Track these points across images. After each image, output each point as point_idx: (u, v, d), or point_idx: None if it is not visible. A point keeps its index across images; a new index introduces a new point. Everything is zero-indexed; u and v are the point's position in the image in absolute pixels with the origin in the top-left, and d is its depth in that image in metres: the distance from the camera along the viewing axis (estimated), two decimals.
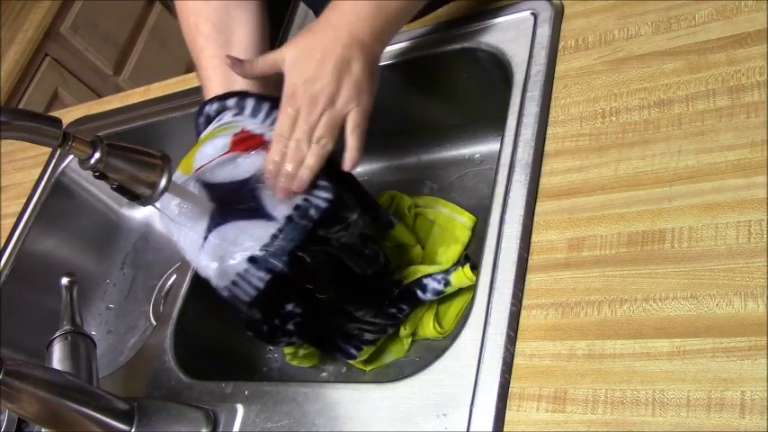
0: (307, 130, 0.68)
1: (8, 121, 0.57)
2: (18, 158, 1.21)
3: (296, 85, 0.68)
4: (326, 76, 0.67)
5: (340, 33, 0.68)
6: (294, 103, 0.69)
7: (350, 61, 0.68)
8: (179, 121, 1.06)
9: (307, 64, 0.68)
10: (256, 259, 0.66)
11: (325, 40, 0.68)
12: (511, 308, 0.61)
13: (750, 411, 0.49)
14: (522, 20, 0.80)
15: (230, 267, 0.67)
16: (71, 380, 0.64)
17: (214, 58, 0.78)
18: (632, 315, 0.57)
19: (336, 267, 0.72)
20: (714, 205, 0.58)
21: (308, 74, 0.68)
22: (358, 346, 0.79)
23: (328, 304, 0.74)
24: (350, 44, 0.68)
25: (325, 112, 0.68)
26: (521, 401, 0.57)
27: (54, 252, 1.12)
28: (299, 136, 0.69)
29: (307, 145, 0.69)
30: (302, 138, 0.68)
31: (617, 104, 0.68)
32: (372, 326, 0.78)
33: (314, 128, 0.69)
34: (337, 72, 0.68)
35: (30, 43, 1.90)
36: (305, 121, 0.68)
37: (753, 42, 0.65)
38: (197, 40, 0.80)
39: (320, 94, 0.68)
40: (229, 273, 0.67)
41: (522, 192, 0.67)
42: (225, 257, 0.67)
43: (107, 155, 0.60)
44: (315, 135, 0.69)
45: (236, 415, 0.69)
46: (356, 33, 0.68)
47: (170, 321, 0.82)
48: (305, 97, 0.68)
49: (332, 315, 0.75)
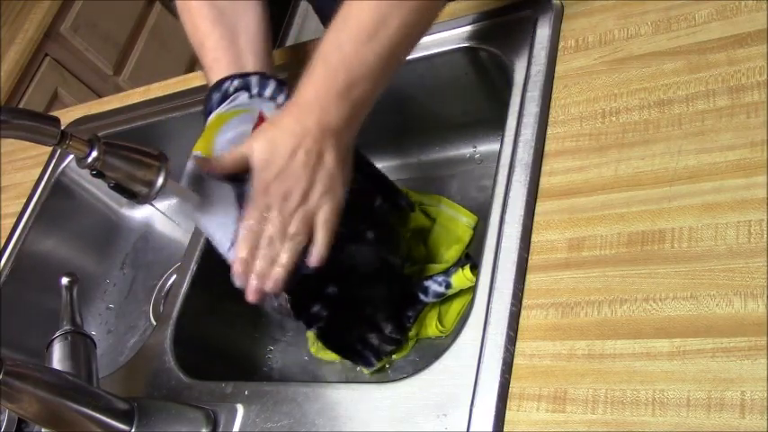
0: (280, 226, 0.66)
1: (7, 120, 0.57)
2: (18, 158, 1.21)
3: (267, 180, 0.66)
4: (299, 172, 0.65)
5: (308, 125, 0.65)
6: (266, 198, 0.66)
7: (322, 153, 0.66)
8: (179, 121, 1.06)
9: (277, 158, 0.65)
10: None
11: (294, 133, 0.65)
12: (511, 308, 0.61)
13: (750, 411, 0.49)
14: (522, 20, 0.80)
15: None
16: (71, 380, 0.64)
17: (222, 40, 0.76)
18: (632, 315, 0.57)
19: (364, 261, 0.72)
20: (714, 205, 0.58)
21: (279, 168, 0.65)
22: (378, 356, 0.80)
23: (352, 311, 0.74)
24: (320, 135, 0.65)
25: (298, 209, 0.66)
26: (521, 401, 0.57)
27: (54, 252, 1.12)
28: (271, 233, 0.66)
29: (280, 242, 0.66)
30: (275, 235, 0.66)
31: (617, 104, 0.68)
32: (391, 341, 0.79)
33: (287, 224, 0.66)
34: (310, 167, 0.65)
35: (30, 43, 1.90)
36: (278, 218, 0.66)
37: (753, 42, 0.65)
38: (200, 26, 0.78)
39: (293, 191, 0.66)
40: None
41: (522, 192, 0.67)
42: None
43: (104, 153, 0.60)
44: (289, 231, 0.66)
45: (236, 415, 0.69)
46: (325, 123, 0.66)
47: (170, 321, 0.82)
48: (277, 193, 0.66)
49: (355, 324, 0.75)
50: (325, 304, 0.71)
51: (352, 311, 0.74)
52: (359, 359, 0.80)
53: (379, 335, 0.77)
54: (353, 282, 0.73)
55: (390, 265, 0.76)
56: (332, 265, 0.68)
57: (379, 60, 0.66)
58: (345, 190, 0.68)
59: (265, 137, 0.67)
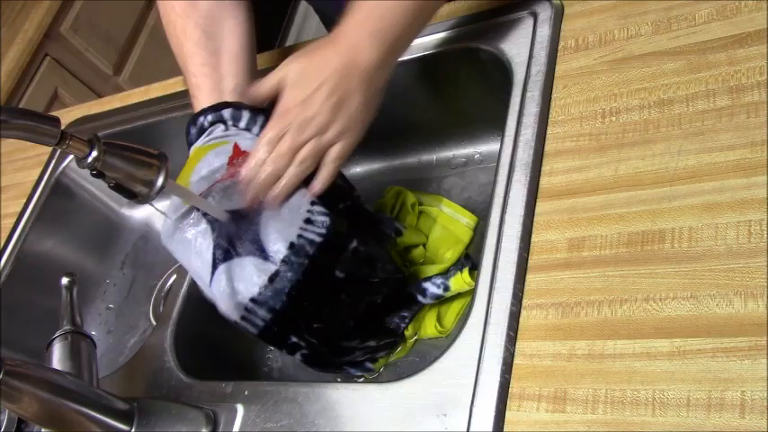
0: (291, 148, 0.68)
1: (7, 120, 0.57)
2: (18, 158, 1.21)
3: (291, 103, 0.68)
4: (322, 104, 0.67)
5: (343, 60, 0.67)
6: (285, 120, 0.68)
7: (348, 93, 0.67)
8: (179, 121, 1.06)
9: (305, 85, 0.67)
10: (257, 300, 0.66)
11: (327, 65, 0.67)
12: (511, 308, 0.61)
13: (750, 411, 0.49)
14: (522, 20, 0.80)
15: (237, 304, 0.67)
16: (71, 380, 0.64)
17: (205, 66, 0.77)
18: (632, 315, 0.57)
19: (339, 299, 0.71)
20: (714, 205, 0.58)
21: (305, 95, 0.67)
22: (374, 361, 0.80)
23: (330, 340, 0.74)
24: (351, 73, 0.67)
25: (312, 138, 0.68)
26: (521, 401, 0.57)
27: (54, 252, 1.12)
28: (282, 150, 0.68)
29: (287, 162, 0.68)
30: (285, 153, 0.68)
31: (617, 104, 0.68)
32: (379, 349, 0.79)
33: (298, 149, 0.68)
34: (333, 102, 0.67)
35: (30, 43, 1.90)
36: (291, 140, 0.67)
37: (753, 42, 0.65)
38: (185, 45, 0.79)
39: (312, 120, 0.67)
40: (237, 309, 0.68)
41: (522, 192, 0.67)
42: (232, 294, 0.67)
43: (104, 153, 0.60)
44: (298, 156, 0.68)
45: (236, 415, 0.69)
46: (359, 61, 0.67)
47: (170, 321, 0.82)
48: (297, 119, 0.67)
49: (339, 351, 0.75)
50: (301, 337, 0.71)
51: (330, 342, 0.74)
52: (355, 370, 0.80)
53: (366, 350, 0.77)
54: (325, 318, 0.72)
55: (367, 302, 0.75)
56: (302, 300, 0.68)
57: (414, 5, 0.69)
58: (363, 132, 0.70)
59: (301, 61, 0.69)
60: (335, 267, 0.69)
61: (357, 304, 0.73)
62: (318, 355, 0.74)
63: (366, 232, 0.74)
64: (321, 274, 0.68)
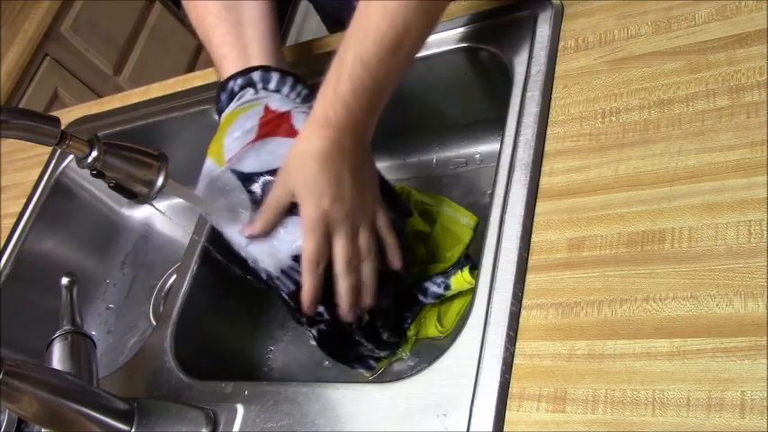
0: (350, 248, 0.67)
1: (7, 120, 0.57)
2: (18, 158, 1.21)
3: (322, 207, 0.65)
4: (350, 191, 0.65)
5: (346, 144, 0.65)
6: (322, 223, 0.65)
7: (363, 166, 0.67)
8: (179, 121, 1.06)
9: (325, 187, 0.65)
10: (298, 257, 0.67)
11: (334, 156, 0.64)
12: (511, 308, 0.61)
13: (750, 411, 0.49)
14: (522, 20, 0.80)
15: (278, 262, 0.68)
16: (71, 380, 0.64)
17: (228, 35, 0.77)
18: (632, 315, 0.57)
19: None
20: (714, 205, 0.58)
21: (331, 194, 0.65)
22: (377, 359, 0.80)
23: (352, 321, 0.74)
24: (356, 150, 0.66)
25: (361, 225, 0.67)
26: (521, 401, 0.57)
27: (54, 252, 1.12)
28: (345, 256, 0.67)
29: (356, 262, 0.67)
30: (349, 256, 0.67)
31: (617, 104, 0.68)
32: (389, 345, 0.79)
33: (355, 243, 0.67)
34: (357, 182, 0.66)
35: (30, 43, 1.90)
36: (348, 240, 0.66)
37: (753, 42, 0.65)
38: (206, 19, 0.79)
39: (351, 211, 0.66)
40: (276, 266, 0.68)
41: (522, 192, 0.67)
42: (271, 253, 0.68)
43: (104, 153, 0.60)
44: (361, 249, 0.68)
45: (236, 415, 0.69)
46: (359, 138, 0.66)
47: (170, 321, 0.82)
48: (339, 216, 0.65)
49: (354, 331, 0.75)
50: (328, 307, 0.71)
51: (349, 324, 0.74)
52: (358, 365, 0.80)
53: (376, 341, 0.78)
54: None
55: (395, 272, 0.76)
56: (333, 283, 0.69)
57: (402, 68, 0.68)
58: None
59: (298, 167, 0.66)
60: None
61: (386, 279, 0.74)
62: (332, 336, 0.74)
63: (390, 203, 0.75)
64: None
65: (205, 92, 1.03)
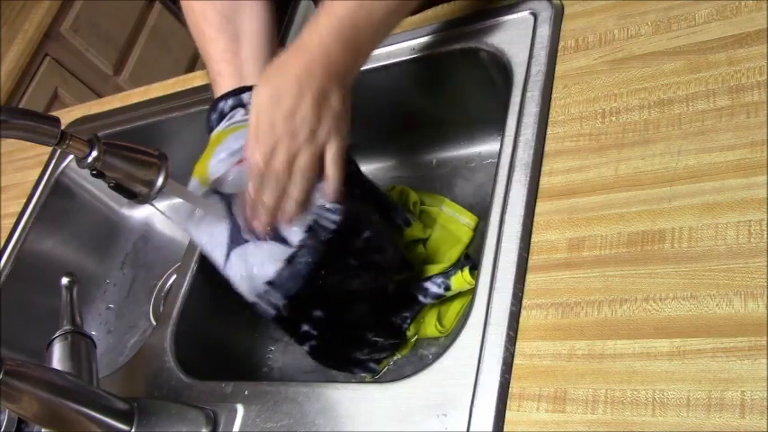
0: (286, 163, 0.66)
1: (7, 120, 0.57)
2: (18, 158, 1.21)
3: (274, 118, 0.66)
4: (307, 110, 0.66)
5: (314, 70, 0.66)
6: (272, 135, 0.66)
7: (328, 95, 0.66)
8: (179, 121, 1.06)
9: (284, 99, 0.66)
10: (273, 283, 0.67)
11: (300, 77, 0.66)
12: (511, 308, 0.61)
13: (750, 411, 0.49)
14: (522, 20, 0.80)
15: (253, 288, 0.68)
16: (71, 380, 0.64)
17: (226, 52, 0.77)
18: (632, 315, 0.57)
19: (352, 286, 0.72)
20: (714, 205, 0.58)
21: (287, 108, 0.66)
22: (378, 362, 0.80)
23: (342, 332, 0.74)
24: (326, 79, 0.66)
25: (304, 144, 0.66)
26: (521, 401, 0.57)
27: (54, 252, 1.12)
28: (277, 167, 0.66)
29: (286, 176, 0.67)
30: (281, 168, 0.66)
31: (617, 104, 0.68)
32: (384, 349, 0.79)
33: (293, 160, 0.67)
34: (317, 106, 0.66)
35: (30, 43, 1.90)
36: (285, 154, 0.66)
37: (753, 42, 0.65)
38: (205, 31, 0.79)
39: (301, 127, 0.66)
40: (252, 292, 0.68)
41: (522, 192, 0.67)
42: (248, 278, 0.68)
43: (104, 153, 0.60)
44: (296, 166, 0.67)
45: (236, 415, 0.69)
46: (330, 68, 0.67)
47: (170, 321, 0.82)
48: (285, 130, 0.66)
49: (347, 343, 0.75)
50: (313, 325, 0.71)
51: (341, 331, 0.74)
52: (358, 369, 0.80)
53: (372, 347, 0.78)
54: (337, 304, 0.73)
55: (377, 288, 0.76)
56: (318, 284, 0.68)
57: (386, 11, 0.68)
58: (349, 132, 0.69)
59: (270, 84, 0.67)
60: (349, 254, 0.70)
61: (368, 293, 0.74)
62: (326, 349, 0.74)
63: (378, 219, 0.75)
64: (335, 259, 0.69)
65: (205, 92, 1.03)
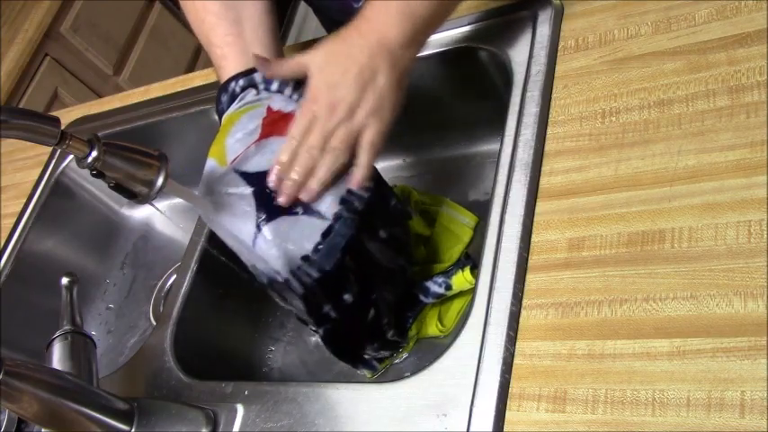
0: (321, 137, 0.66)
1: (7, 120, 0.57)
2: (18, 158, 1.21)
3: (318, 89, 0.66)
4: (350, 85, 0.65)
5: (368, 41, 0.66)
6: (313, 107, 0.66)
7: (376, 72, 0.66)
8: (179, 121, 1.06)
9: (332, 69, 0.66)
10: (309, 258, 0.66)
11: (352, 48, 0.66)
12: (511, 308, 0.61)
13: (750, 411, 0.49)
14: (522, 20, 0.80)
15: (288, 264, 0.67)
16: (71, 380, 0.64)
17: (228, 35, 0.76)
18: (632, 315, 0.57)
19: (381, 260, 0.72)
20: (714, 205, 0.58)
21: (332, 79, 0.66)
22: (380, 360, 0.80)
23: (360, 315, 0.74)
24: (377, 53, 0.66)
25: (342, 123, 0.66)
26: (521, 401, 0.57)
27: (54, 252, 1.12)
28: (312, 143, 0.66)
29: (319, 153, 0.66)
30: (316, 145, 0.66)
31: (617, 104, 0.68)
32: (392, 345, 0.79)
33: (329, 137, 0.66)
34: (361, 82, 0.65)
35: (30, 43, 1.90)
36: (321, 128, 0.66)
37: (753, 42, 0.65)
38: (206, 18, 0.78)
39: (340, 103, 0.66)
40: (287, 268, 0.67)
41: (522, 192, 0.67)
42: (283, 255, 0.67)
43: (104, 153, 0.60)
44: (329, 144, 0.66)
45: (236, 415, 0.69)
46: (385, 41, 0.66)
47: (170, 321, 0.82)
48: (325, 103, 0.66)
49: (360, 329, 0.75)
50: (336, 306, 0.71)
51: (359, 316, 0.74)
52: (361, 365, 0.80)
53: (381, 340, 0.78)
54: (367, 282, 0.73)
55: (401, 267, 0.76)
56: (353, 259, 0.68)
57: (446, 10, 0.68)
58: (394, 116, 0.68)
59: (326, 48, 0.68)
60: (379, 226, 0.70)
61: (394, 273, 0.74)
62: (340, 335, 0.74)
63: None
64: (369, 230, 0.69)
65: (205, 92, 1.03)
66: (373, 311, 0.74)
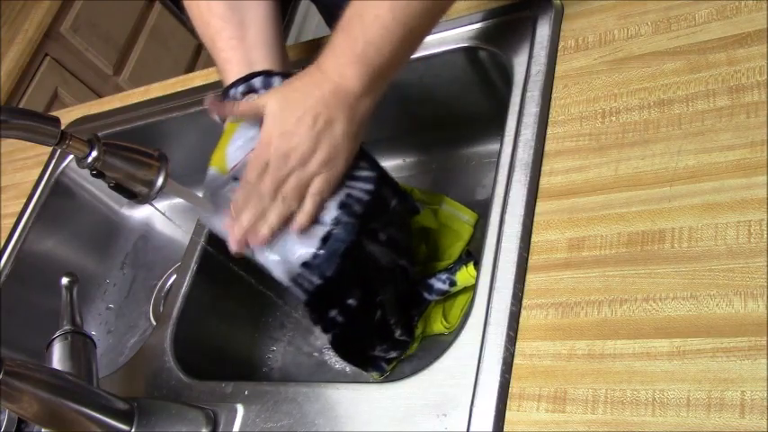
0: (272, 185, 0.66)
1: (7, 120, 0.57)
2: (18, 158, 1.21)
3: (271, 135, 0.66)
4: (303, 134, 0.65)
5: (324, 90, 0.65)
6: (266, 152, 0.66)
7: (332, 122, 0.65)
8: (179, 121, 1.06)
9: (286, 116, 0.65)
10: (309, 264, 0.67)
11: (308, 97, 0.65)
12: (511, 308, 0.61)
13: (750, 411, 0.49)
14: (522, 20, 0.80)
15: (288, 271, 0.67)
16: (71, 380, 0.64)
17: (232, 39, 0.76)
18: (632, 315, 0.57)
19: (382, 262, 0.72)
20: (714, 205, 0.58)
21: (286, 127, 0.65)
22: (389, 362, 0.80)
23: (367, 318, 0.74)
24: (333, 103, 0.65)
25: (294, 172, 0.66)
26: (521, 401, 0.57)
27: (54, 252, 1.12)
28: (263, 190, 0.66)
29: (269, 200, 0.66)
30: (267, 192, 0.66)
31: (617, 104, 0.68)
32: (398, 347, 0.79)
33: (281, 184, 0.66)
34: (316, 131, 0.65)
35: (30, 43, 1.90)
36: (272, 176, 0.66)
37: (753, 42, 0.65)
38: (210, 21, 0.78)
39: (293, 152, 0.65)
40: (287, 275, 0.68)
41: (522, 192, 0.67)
42: (282, 261, 0.67)
43: (104, 153, 0.60)
44: (281, 192, 0.66)
45: (236, 415, 0.69)
46: (341, 90, 0.65)
47: (170, 321, 0.82)
48: (278, 151, 0.65)
49: (369, 331, 0.75)
50: (343, 310, 0.71)
51: (366, 318, 0.74)
52: (371, 367, 0.80)
53: (390, 340, 0.78)
54: (369, 285, 0.73)
55: (402, 267, 0.76)
56: (354, 263, 0.68)
57: (400, 27, 0.65)
58: (347, 164, 0.68)
59: (282, 93, 0.67)
60: (379, 229, 0.70)
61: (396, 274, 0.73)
62: (349, 338, 0.74)
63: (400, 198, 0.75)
64: (368, 234, 0.69)
65: (205, 92, 1.03)
66: (380, 312, 0.74)
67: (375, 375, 0.81)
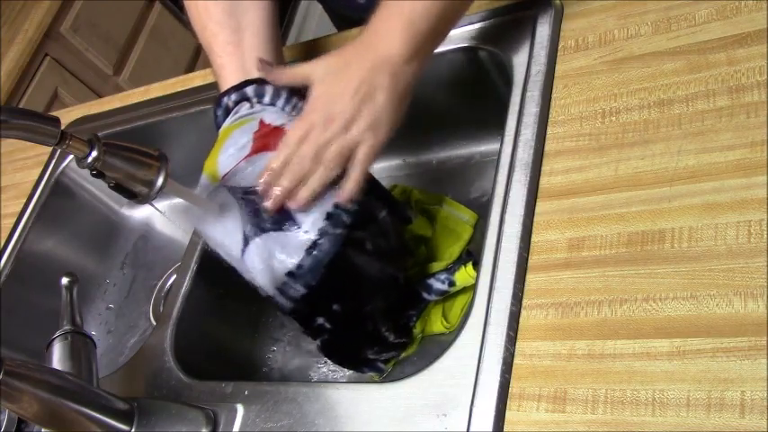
0: (314, 149, 0.66)
1: (7, 120, 0.57)
2: (18, 158, 1.21)
3: (317, 100, 0.67)
4: (348, 100, 0.65)
5: (370, 56, 0.66)
6: (310, 117, 0.67)
7: (376, 88, 0.66)
8: (179, 121, 1.06)
9: (332, 82, 0.66)
10: (294, 273, 0.66)
11: (354, 62, 0.66)
12: (511, 308, 0.61)
13: (750, 411, 0.49)
14: (522, 20, 0.80)
15: (273, 280, 0.67)
16: (71, 380, 0.64)
17: (228, 45, 0.77)
18: (632, 315, 0.57)
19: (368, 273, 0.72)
20: (714, 205, 0.58)
21: (331, 92, 0.66)
22: (386, 362, 0.80)
23: (356, 326, 0.74)
24: (379, 69, 0.66)
25: (337, 137, 0.66)
26: (521, 401, 0.57)
27: (54, 252, 1.12)
28: (305, 153, 0.66)
29: (311, 163, 0.66)
30: (308, 155, 0.66)
31: (617, 104, 0.68)
32: (393, 348, 0.79)
33: (323, 149, 0.66)
34: (360, 97, 0.65)
35: (30, 43, 1.90)
36: (315, 139, 0.66)
37: (753, 42, 0.65)
38: (207, 25, 0.78)
39: (337, 117, 0.65)
40: (272, 284, 0.68)
41: (522, 192, 0.67)
42: (267, 270, 0.67)
43: (104, 153, 0.60)
44: (322, 157, 0.66)
45: (236, 415, 0.69)
46: (387, 57, 0.66)
47: (170, 321, 0.82)
48: (322, 115, 0.66)
49: (359, 338, 0.75)
50: (330, 317, 0.71)
51: (355, 326, 0.74)
52: (367, 369, 0.80)
53: (383, 344, 0.78)
54: (356, 295, 0.73)
55: (392, 277, 0.76)
56: (339, 273, 0.68)
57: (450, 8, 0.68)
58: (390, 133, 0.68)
59: (329, 60, 0.68)
60: (366, 239, 0.70)
61: (383, 283, 0.74)
62: (338, 344, 0.74)
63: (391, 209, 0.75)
64: (354, 245, 0.68)
65: (205, 92, 1.03)
66: (370, 323, 0.74)
67: (374, 376, 0.81)
